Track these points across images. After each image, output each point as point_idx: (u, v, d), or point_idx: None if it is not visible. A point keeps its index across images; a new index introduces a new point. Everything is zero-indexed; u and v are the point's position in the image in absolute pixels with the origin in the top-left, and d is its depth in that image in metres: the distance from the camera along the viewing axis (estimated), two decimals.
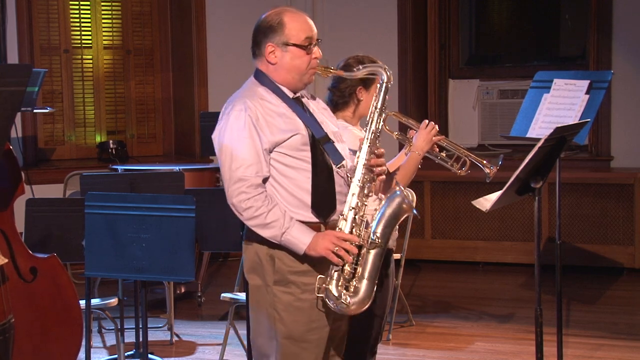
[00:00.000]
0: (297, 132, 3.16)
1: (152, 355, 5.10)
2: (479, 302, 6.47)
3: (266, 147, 3.12)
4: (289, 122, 3.16)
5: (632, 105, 7.48)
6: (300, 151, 3.16)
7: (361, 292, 3.13)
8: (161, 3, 8.13)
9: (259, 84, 3.22)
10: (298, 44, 3.17)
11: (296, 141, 3.15)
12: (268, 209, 3.09)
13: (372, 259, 3.16)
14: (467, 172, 3.89)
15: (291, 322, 3.17)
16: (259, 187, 3.11)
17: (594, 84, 4.85)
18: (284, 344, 3.18)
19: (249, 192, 3.09)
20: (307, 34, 3.18)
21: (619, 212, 7.07)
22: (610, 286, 6.85)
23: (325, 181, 3.19)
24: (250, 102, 3.15)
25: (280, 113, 3.17)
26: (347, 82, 3.74)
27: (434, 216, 7.51)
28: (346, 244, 3.09)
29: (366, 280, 3.13)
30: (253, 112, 3.12)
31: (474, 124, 8.23)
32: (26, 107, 6.58)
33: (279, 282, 3.17)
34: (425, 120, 3.83)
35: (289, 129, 3.15)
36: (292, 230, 3.10)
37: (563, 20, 8.31)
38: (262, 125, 3.12)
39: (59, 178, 7.23)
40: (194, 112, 8.03)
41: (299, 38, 3.17)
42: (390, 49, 7.92)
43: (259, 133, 3.12)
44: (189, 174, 6.04)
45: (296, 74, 3.20)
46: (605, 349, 5.37)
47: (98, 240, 4.19)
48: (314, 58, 3.20)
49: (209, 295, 6.63)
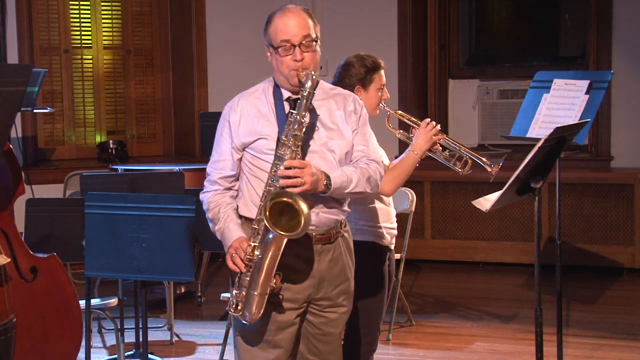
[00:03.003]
0: (263, 136, 3.16)
1: (152, 355, 5.10)
2: (479, 302, 6.47)
3: (235, 146, 3.20)
4: (264, 125, 3.18)
5: (632, 105, 7.48)
6: (266, 154, 3.16)
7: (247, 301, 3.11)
8: (161, 3, 8.13)
9: (269, 81, 3.27)
10: (275, 46, 3.16)
11: (261, 145, 3.17)
12: (212, 206, 3.21)
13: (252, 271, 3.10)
14: (469, 171, 3.89)
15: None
16: (215, 184, 3.24)
17: (594, 84, 4.85)
18: (238, 341, 3.27)
19: (206, 186, 3.28)
20: (282, 37, 3.14)
21: (619, 212, 7.07)
22: (610, 286, 6.85)
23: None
24: (240, 100, 3.23)
25: (264, 114, 3.20)
26: (345, 81, 3.75)
27: (434, 216, 7.51)
28: (239, 251, 3.10)
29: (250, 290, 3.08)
30: (235, 110, 3.21)
31: (474, 124, 8.23)
32: (26, 107, 6.59)
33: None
34: (427, 120, 3.82)
35: (257, 132, 3.17)
36: (224, 231, 3.18)
37: (563, 20, 8.30)
38: (236, 124, 3.19)
39: (59, 178, 7.23)
40: (194, 112, 8.03)
41: (276, 40, 3.16)
42: (390, 49, 7.91)
43: (231, 132, 3.20)
44: (189, 174, 6.03)
45: (280, 75, 3.20)
46: (605, 349, 5.37)
47: (98, 240, 4.19)
48: (293, 60, 3.14)
49: (209, 295, 6.63)
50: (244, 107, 3.20)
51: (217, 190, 3.24)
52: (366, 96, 3.77)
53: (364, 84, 3.80)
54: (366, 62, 3.81)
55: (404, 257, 5.70)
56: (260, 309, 3.11)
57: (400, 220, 5.91)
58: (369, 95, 3.80)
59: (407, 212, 5.65)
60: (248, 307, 3.11)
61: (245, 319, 3.14)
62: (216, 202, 3.23)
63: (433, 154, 3.85)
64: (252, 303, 3.10)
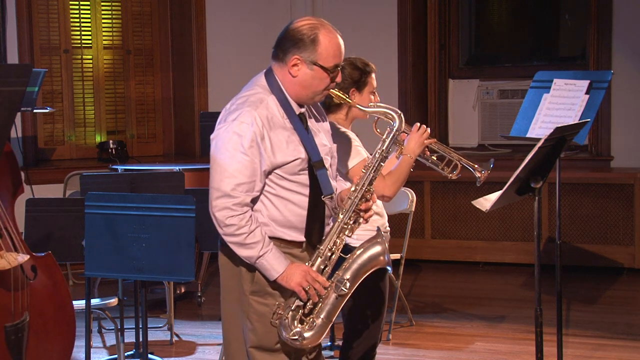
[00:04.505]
0: (298, 157, 3.13)
1: (152, 355, 5.10)
2: (479, 302, 6.47)
3: (265, 169, 3.09)
4: (291, 144, 3.12)
5: (632, 105, 7.48)
6: (297, 175, 3.14)
7: (315, 328, 3.13)
8: (161, 3, 8.13)
9: (269, 90, 3.15)
10: (325, 67, 3.12)
11: (295, 166, 3.13)
12: (250, 230, 3.08)
13: (334, 302, 3.15)
14: (458, 175, 3.88)
15: (263, 333, 3.18)
16: (245, 207, 3.08)
17: (594, 84, 4.84)
18: (252, 352, 3.21)
19: (235, 209, 3.06)
20: (335, 61, 3.14)
21: (619, 212, 7.07)
22: (610, 286, 6.85)
23: (318, 207, 3.19)
24: (259, 115, 3.07)
25: (283, 129, 3.11)
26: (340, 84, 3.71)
27: (434, 216, 7.51)
28: (317, 284, 3.10)
29: (323, 319, 3.13)
30: (259, 128, 3.06)
31: (474, 124, 8.23)
32: (26, 107, 6.59)
33: (256, 292, 3.18)
34: (417, 124, 3.79)
35: (291, 153, 3.11)
36: (268, 255, 3.09)
37: (563, 20, 8.31)
38: (267, 145, 3.07)
39: (59, 178, 7.23)
40: (194, 112, 8.03)
41: (328, 62, 3.12)
42: (390, 49, 7.92)
43: (262, 153, 3.07)
44: (189, 174, 6.04)
45: (311, 92, 3.15)
46: (605, 348, 5.37)
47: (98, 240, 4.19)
48: (333, 82, 3.17)
49: (209, 295, 6.63)
50: (265, 124, 3.08)
51: (247, 211, 3.09)
52: (360, 99, 3.74)
53: (358, 86, 3.78)
54: (357, 64, 3.78)
55: (404, 257, 5.70)
56: (322, 335, 3.15)
57: (400, 220, 5.95)
58: (363, 98, 3.77)
59: (407, 212, 5.65)
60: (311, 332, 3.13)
61: (302, 344, 3.13)
62: (253, 224, 3.09)
63: (421, 158, 3.82)
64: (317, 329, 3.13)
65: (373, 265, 3.21)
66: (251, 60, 7.21)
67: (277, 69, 3.16)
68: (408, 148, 3.71)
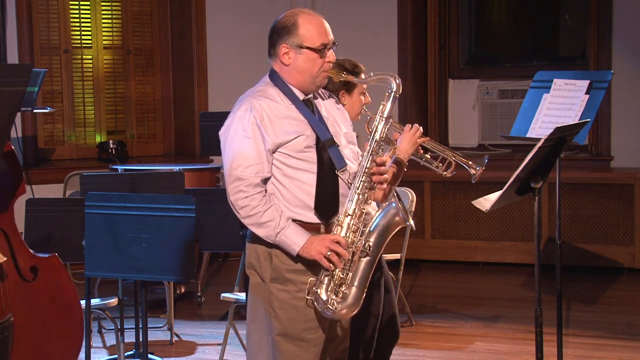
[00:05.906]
0: (301, 133, 3.18)
1: (152, 355, 5.10)
2: (479, 302, 6.47)
3: (269, 148, 3.16)
4: (295, 124, 3.18)
5: (632, 105, 7.48)
6: (304, 152, 3.18)
7: (349, 298, 3.15)
8: (161, 3, 8.13)
9: (272, 84, 3.25)
10: (312, 47, 3.18)
11: (299, 143, 3.17)
12: (264, 208, 3.14)
13: (363, 267, 3.18)
14: (452, 173, 3.88)
15: (286, 320, 3.20)
16: (257, 187, 3.15)
17: (594, 84, 4.84)
18: (278, 341, 3.21)
19: (247, 190, 3.14)
20: (322, 40, 3.19)
21: (619, 212, 7.07)
22: (610, 286, 6.85)
23: (330, 183, 3.21)
24: (257, 102, 3.17)
25: (287, 115, 3.19)
26: (329, 86, 3.68)
27: (434, 216, 7.51)
28: (339, 248, 3.12)
29: (355, 287, 3.16)
30: (258, 112, 3.15)
31: (474, 124, 8.23)
32: (26, 107, 6.58)
33: (275, 279, 3.20)
34: (409, 124, 3.79)
35: (294, 130, 3.17)
36: (287, 231, 3.14)
37: (563, 20, 8.31)
38: (267, 125, 3.15)
39: (59, 178, 7.23)
40: (194, 112, 8.03)
41: (313, 42, 3.18)
42: (390, 49, 7.92)
43: (263, 134, 3.15)
44: (189, 174, 6.03)
45: (308, 76, 3.22)
46: (604, 348, 5.37)
47: (98, 240, 4.19)
48: (327, 62, 3.22)
49: (209, 295, 6.63)
50: (265, 108, 3.17)
51: (260, 191, 3.15)
52: (350, 101, 3.74)
53: (348, 88, 3.77)
54: (346, 65, 3.76)
55: (404, 257, 5.70)
56: (357, 305, 3.16)
57: None
58: (353, 100, 3.77)
59: None
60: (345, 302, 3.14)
61: (339, 314, 3.15)
62: (269, 203, 3.16)
63: (415, 156, 3.82)
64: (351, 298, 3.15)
65: (393, 225, 3.23)
66: (251, 60, 7.22)
67: (274, 64, 3.27)
68: (401, 148, 3.70)
